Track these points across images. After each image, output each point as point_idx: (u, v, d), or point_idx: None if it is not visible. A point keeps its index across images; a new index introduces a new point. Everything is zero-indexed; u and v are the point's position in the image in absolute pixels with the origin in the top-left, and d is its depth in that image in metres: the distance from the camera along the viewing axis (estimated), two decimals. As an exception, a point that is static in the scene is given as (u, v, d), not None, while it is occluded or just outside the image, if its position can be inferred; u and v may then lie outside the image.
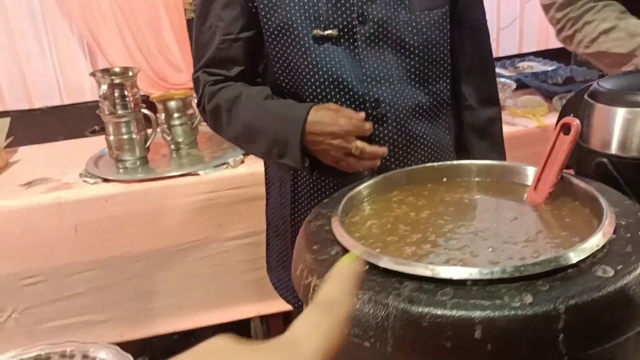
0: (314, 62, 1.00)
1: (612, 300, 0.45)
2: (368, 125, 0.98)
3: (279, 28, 1.00)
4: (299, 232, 0.64)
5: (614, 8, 1.19)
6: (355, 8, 0.98)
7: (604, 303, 0.45)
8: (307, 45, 0.99)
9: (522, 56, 2.40)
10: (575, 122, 0.62)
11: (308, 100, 1.04)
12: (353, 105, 1.01)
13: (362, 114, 0.98)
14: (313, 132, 0.97)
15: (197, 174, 1.72)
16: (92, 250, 1.67)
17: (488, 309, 0.45)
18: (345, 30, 0.99)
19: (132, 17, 2.23)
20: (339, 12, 0.98)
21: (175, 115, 1.88)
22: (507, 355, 0.44)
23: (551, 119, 1.82)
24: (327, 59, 0.99)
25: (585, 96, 0.75)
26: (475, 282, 0.47)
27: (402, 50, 1.00)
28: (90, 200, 1.65)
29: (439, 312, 0.45)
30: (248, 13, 1.03)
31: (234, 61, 1.07)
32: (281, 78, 1.05)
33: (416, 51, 1.01)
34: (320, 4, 0.98)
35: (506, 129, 1.89)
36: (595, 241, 0.50)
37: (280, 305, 1.87)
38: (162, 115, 1.86)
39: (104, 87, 1.68)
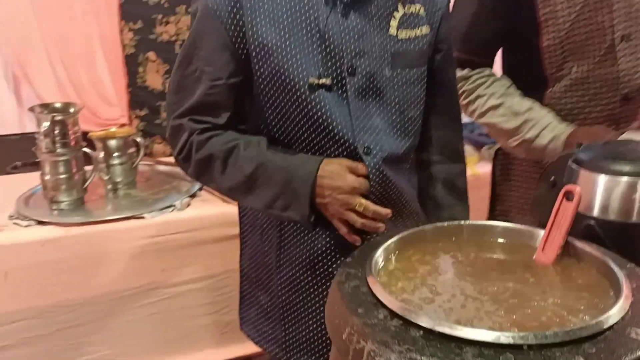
0: (307, 109, 1.02)
1: (653, 360, 0.51)
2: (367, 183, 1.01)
3: (272, 75, 1.01)
4: (331, 290, 0.65)
5: (501, 83, 1.31)
6: (346, 60, 1.01)
7: (646, 363, 0.50)
8: (301, 92, 1.01)
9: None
10: (578, 189, 0.69)
11: (300, 146, 1.05)
12: (344, 153, 1.04)
13: (365, 170, 1.01)
14: (321, 186, 0.98)
15: (142, 217, 1.66)
16: (24, 298, 1.55)
17: (551, 372, 0.49)
18: (337, 80, 1.02)
19: (65, 48, 2.13)
20: (332, 62, 1.01)
21: (116, 154, 1.81)
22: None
23: (483, 168, 1.94)
24: (320, 107, 1.01)
25: (570, 162, 0.83)
26: (533, 346, 0.51)
27: (385, 104, 1.05)
28: (23, 245, 1.53)
29: (505, 376, 0.49)
30: (237, 58, 1.02)
31: (222, 107, 1.05)
32: (273, 124, 1.05)
33: (397, 106, 1.06)
34: (314, 53, 1.01)
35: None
36: (622, 305, 0.56)
37: (220, 354, 1.83)
38: (101, 154, 1.79)
39: (46, 123, 1.59)
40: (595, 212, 0.79)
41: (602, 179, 0.79)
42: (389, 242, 0.71)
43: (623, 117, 1.26)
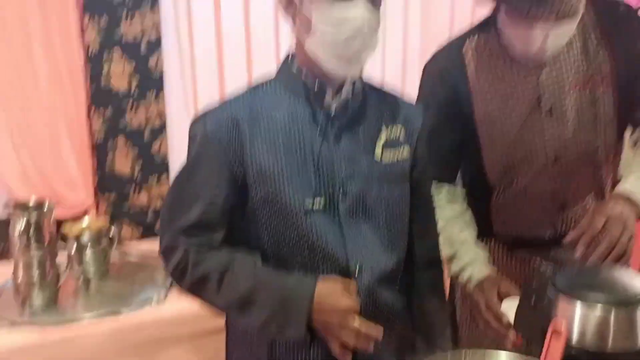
0: (303, 232, 1.07)
1: None
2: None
3: (269, 199, 1.06)
4: None
5: (452, 208, 1.39)
6: (338, 183, 1.08)
7: None
8: (297, 216, 1.06)
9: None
10: (565, 329, 0.76)
11: (293, 264, 1.09)
12: (336, 271, 1.08)
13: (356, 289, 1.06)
14: (318, 307, 1.02)
15: (119, 313, 1.65)
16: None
17: None
18: (330, 202, 1.08)
19: (29, 133, 2.13)
20: (325, 186, 1.08)
21: (89, 247, 1.81)
22: None
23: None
24: (315, 229, 1.07)
25: (551, 284, 0.91)
26: None
27: (374, 222, 1.12)
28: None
29: None
30: (235, 181, 1.07)
31: (218, 226, 1.09)
32: (266, 243, 1.10)
33: (385, 223, 1.13)
34: (309, 177, 1.07)
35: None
36: None
37: None
38: (74, 248, 1.78)
39: (21, 224, 1.58)
40: (574, 340, 0.86)
41: (579, 308, 0.87)
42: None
43: (560, 221, 1.38)
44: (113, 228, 1.88)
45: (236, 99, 1.12)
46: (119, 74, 2.17)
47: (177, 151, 2.27)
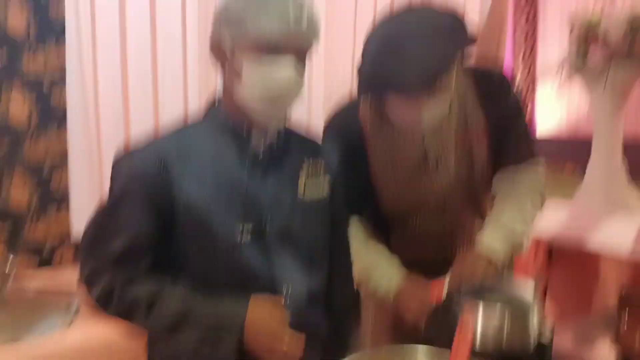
0: (233, 263, 1.12)
1: None
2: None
3: (198, 234, 1.10)
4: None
5: (363, 229, 1.55)
6: (264, 216, 1.15)
7: None
8: (226, 248, 1.11)
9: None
10: (471, 325, 0.88)
11: (221, 291, 1.11)
12: (263, 291, 1.13)
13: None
14: (249, 332, 1.06)
15: (18, 340, 1.57)
16: None
17: None
18: (257, 233, 1.14)
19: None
20: (253, 218, 1.14)
21: (-17, 279, 1.70)
22: None
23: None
24: (243, 259, 1.12)
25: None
26: None
27: (297, 248, 1.20)
28: None
29: None
30: (161, 216, 1.10)
31: (144, 257, 1.10)
32: (195, 272, 1.12)
33: (307, 248, 1.21)
34: (238, 211, 1.12)
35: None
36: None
37: None
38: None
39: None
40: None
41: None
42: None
43: (449, 249, 1.56)
44: (10, 259, 1.79)
45: (162, 138, 1.16)
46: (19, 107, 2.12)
47: (77, 185, 2.22)
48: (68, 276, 2.03)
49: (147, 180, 1.09)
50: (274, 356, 1.08)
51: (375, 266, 1.47)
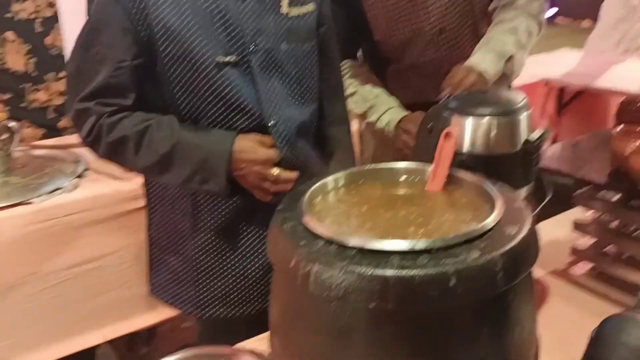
0: (216, 87, 1.10)
1: (523, 245, 0.69)
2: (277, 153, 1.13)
3: (179, 55, 1.08)
4: (271, 233, 0.76)
5: (359, 73, 1.54)
6: (248, 38, 1.11)
7: (519, 248, 0.69)
8: (208, 70, 1.08)
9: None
10: (455, 132, 0.87)
11: (209, 122, 1.12)
12: (252, 126, 1.13)
13: (272, 141, 1.13)
14: (237, 160, 1.08)
15: (30, 203, 1.63)
16: None
17: (457, 264, 0.65)
18: (242, 57, 1.11)
19: None
20: (235, 41, 1.11)
21: (-12, 142, 1.73)
22: (471, 293, 0.65)
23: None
24: (228, 83, 1.10)
25: (442, 108, 1.01)
26: (440, 248, 0.67)
27: (285, 77, 1.17)
28: None
29: (425, 271, 0.64)
30: (140, 41, 1.07)
31: (128, 88, 1.09)
32: (181, 102, 1.12)
33: (295, 77, 1.18)
34: (217, 33, 1.09)
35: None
36: (499, 211, 0.74)
37: (127, 326, 1.86)
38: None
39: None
40: (465, 148, 0.98)
41: (469, 121, 0.98)
42: (313, 188, 0.83)
43: None
44: (13, 122, 1.80)
45: None
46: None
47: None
48: (73, 140, 2.06)
49: (121, 6, 1.05)
50: (262, 189, 1.10)
51: (376, 102, 1.48)
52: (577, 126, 3.15)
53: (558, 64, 3.19)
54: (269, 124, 1.15)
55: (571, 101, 3.25)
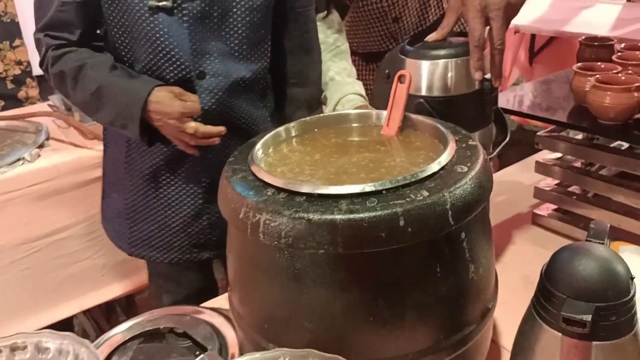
0: (147, 30, 1.08)
1: (473, 183, 0.68)
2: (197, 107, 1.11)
3: (118, 7, 1.07)
4: (221, 185, 0.75)
5: (329, 27, 1.40)
6: None
7: (469, 186, 0.68)
8: (141, 13, 1.07)
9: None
10: (408, 73, 0.85)
11: (142, 67, 1.12)
12: (180, 76, 1.12)
13: (196, 97, 1.11)
14: (152, 110, 1.07)
15: (-9, 174, 1.59)
16: None
17: (405, 204, 0.64)
18: (177, 3, 1.07)
19: None
20: None
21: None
22: (421, 233, 0.64)
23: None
24: (159, 29, 1.08)
25: (398, 53, 0.99)
26: (389, 189, 0.66)
27: (226, 29, 1.12)
28: None
29: (373, 214, 0.63)
30: None
31: (74, 25, 1.10)
32: (118, 43, 1.13)
33: (239, 31, 1.13)
34: None
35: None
36: (449, 151, 0.73)
37: (102, 295, 1.85)
38: None
39: None
40: (423, 91, 0.96)
41: (425, 64, 0.96)
42: (264, 139, 0.81)
43: (397, 33, 1.51)
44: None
45: None
46: None
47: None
48: (35, 110, 2.00)
49: None
50: (181, 141, 1.12)
51: (329, 91, 1.36)
52: (549, 73, 3.15)
53: (528, 11, 3.16)
54: (195, 77, 1.13)
55: (543, 48, 3.23)
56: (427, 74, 0.96)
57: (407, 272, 0.67)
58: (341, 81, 1.37)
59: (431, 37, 1.02)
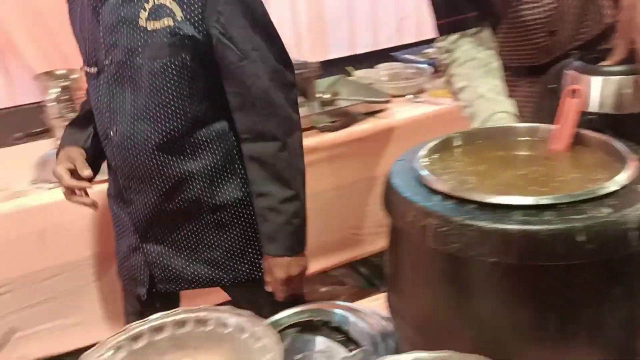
0: (89, 92, 1.30)
1: (658, 204, 0.64)
2: (86, 173, 1.25)
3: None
4: (386, 189, 0.77)
5: (475, 58, 1.29)
6: (104, 52, 1.20)
7: (654, 207, 0.64)
8: (87, 77, 1.28)
9: (423, 43, 2.67)
10: (581, 88, 0.82)
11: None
12: (103, 131, 1.28)
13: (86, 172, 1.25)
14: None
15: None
16: (59, 254, 1.64)
17: (585, 220, 0.62)
18: (100, 68, 1.22)
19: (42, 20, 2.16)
20: (94, 54, 1.22)
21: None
22: (601, 251, 0.62)
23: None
24: (92, 92, 1.27)
25: (566, 68, 0.96)
26: (566, 204, 0.64)
27: (138, 91, 1.19)
28: (53, 205, 1.62)
29: (551, 227, 0.62)
30: None
31: None
32: None
33: (148, 92, 1.19)
34: (87, 44, 1.24)
35: (431, 109, 2.15)
36: (630, 170, 0.69)
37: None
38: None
39: (55, 90, 1.65)
40: (595, 108, 0.93)
41: (597, 80, 0.92)
42: (427, 147, 0.83)
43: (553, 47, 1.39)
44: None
45: None
46: None
47: None
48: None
49: None
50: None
51: (476, 108, 1.25)
52: None
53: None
54: (110, 134, 1.25)
55: None
56: (599, 90, 0.92)
57: (581, 290, 0.65)
58: (492, 99, 1.33)
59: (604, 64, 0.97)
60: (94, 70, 1.22)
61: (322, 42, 2.89)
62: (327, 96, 2.20)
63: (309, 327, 0.96)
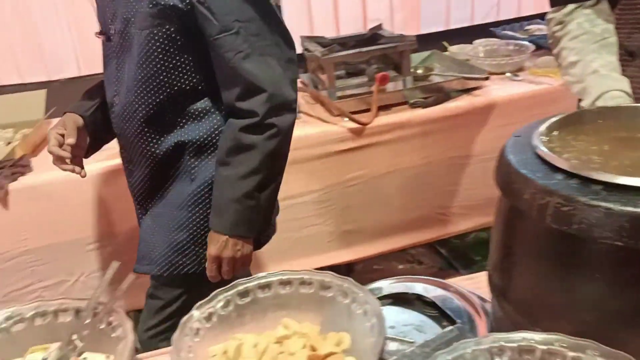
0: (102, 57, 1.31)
1: None
2: (69, 140, 1.26)
3: None
4: (501, 165, 0.75)
5: (589, 32, 1.22)
6: (110, 21, 1.23)
7: None
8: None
9: (524, 19, 2.57)
10: None
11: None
12: (109, 97, 1.30)
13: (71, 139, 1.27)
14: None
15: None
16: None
17: None
18: (109, 37, 1.25)
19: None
20: (105, 23, 1.26)
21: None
22: None
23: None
24: (104, 60, 1.30)
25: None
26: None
27: (132, 60, 1.20)
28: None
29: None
30: None
31: None
32: None
33: (139, 63, 1.18)
34: (100, 12, 1.28)
35: (530, 88, 2.06)
36: None
37: (326, 259, 1.96)
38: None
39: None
40: None
41: None
42: (546, 124, 0.80)
43: None
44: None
45: None
46: None
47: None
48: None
49: None
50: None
51: (588, 83, 1.20)
52: None
53: None
54: (112, 102, 1.28)
55: None
56: None
57: None
58: (606, 75, 1.26)
59: None
60: (104, 38, 1.27)
61: (414, 15, 2.83)
62: (420, 71, 2.16)
63: (402, 299, 0.97)
